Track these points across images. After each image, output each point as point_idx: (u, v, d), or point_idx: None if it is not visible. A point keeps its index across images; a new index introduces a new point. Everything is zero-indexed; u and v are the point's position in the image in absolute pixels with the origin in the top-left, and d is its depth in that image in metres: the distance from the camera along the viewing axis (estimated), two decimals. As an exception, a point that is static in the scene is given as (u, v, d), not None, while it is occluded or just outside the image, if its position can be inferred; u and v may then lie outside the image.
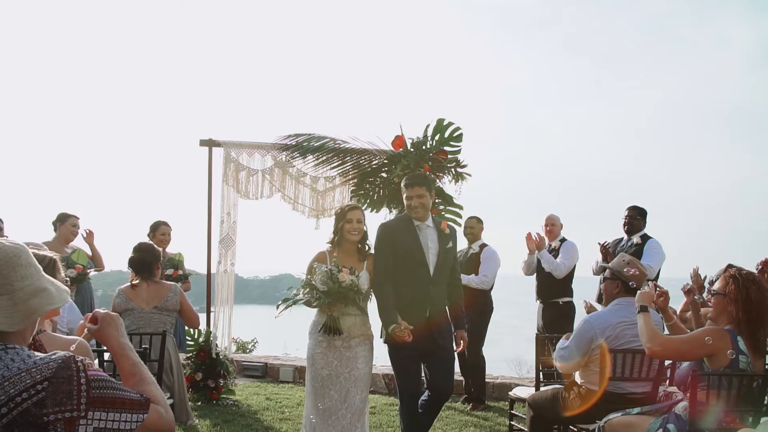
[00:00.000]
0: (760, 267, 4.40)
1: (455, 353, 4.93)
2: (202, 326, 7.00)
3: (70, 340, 2.87)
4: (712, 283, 4.33)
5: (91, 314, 2.11)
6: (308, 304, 4.59)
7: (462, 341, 4.97)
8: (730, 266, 3.86)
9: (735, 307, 3.54)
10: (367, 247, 4.86)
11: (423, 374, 4.87)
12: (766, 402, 3.60)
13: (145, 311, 5.33)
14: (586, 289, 6.58)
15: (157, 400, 1.88)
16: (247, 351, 12.90)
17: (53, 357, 1.70)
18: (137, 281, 5.44)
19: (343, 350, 4.65)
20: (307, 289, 4.53)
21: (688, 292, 4.70)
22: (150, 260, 5.43)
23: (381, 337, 4.76)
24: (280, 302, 4.68)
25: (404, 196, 4.82)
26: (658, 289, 4.29)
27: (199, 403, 6.66)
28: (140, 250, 5.49)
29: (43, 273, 1.86)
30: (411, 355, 4.69)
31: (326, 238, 4.90)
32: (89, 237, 7.05)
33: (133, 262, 5.45)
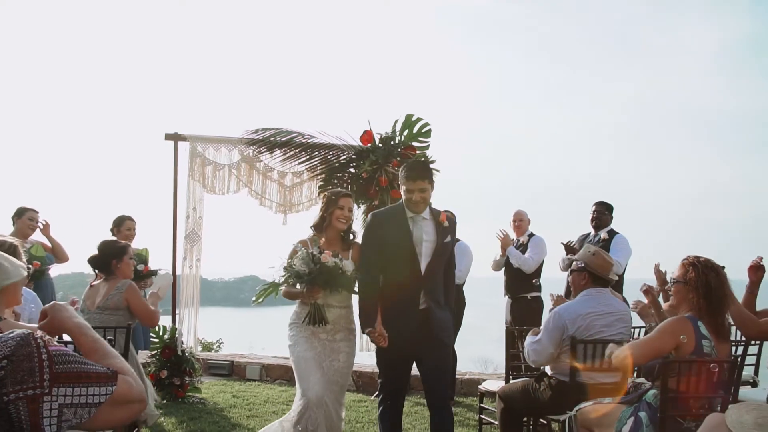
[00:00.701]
0: (761, 261, 4.41)
1: (450, 350, 4.55)
2: (168, 323, 6.88)
3: (31, 328, 2.78)
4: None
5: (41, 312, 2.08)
6: (289, 295, 4.41)
7: None
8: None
9: (696, 294, 3.59)
10: (351, 236, 4.66)
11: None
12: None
13: (90, 312, 4.93)
14: (553, 286, 6.65)
15: (125, 371, 1.82)
16: (212, 351, 12.74)
17: (11, 335, 1.64)
18: (97, 281, 5.10)
19: (327, 342, 4.45)
20: (288, 273, 4.29)
21: (646, 292, 4.76)
22: (104, 258, 5.04)
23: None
24: (258, 287, 4.47)
25: (403, 189, 4.36)
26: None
27: (165, 402, 6.53)
28: (97, 247, 5.22)
29: None
30: (400, 355, 4.37)
31: (294, 234, 4.73)
32: (45, 228, 6.84)
33: (89, 261, 5.16)
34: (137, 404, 1.81)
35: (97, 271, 5.11)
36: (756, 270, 4.28)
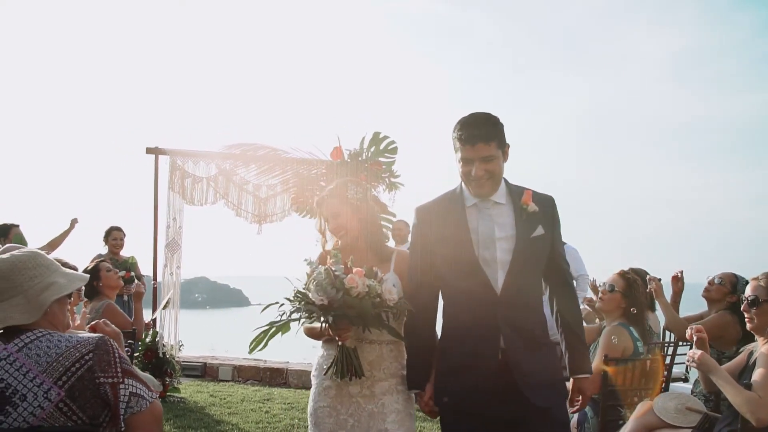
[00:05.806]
0: (681, 274, 5.14)
1: (566, 416, 2.87)
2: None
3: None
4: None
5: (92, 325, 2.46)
6: (310, 332, 3.00)
7: (581, 395, 2.91)
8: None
9: (626, 302, 4.22)
10: (385, 240, 3.19)
11: None
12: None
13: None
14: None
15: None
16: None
17: (90, 336, 2.15)
18: (85, 308, 5.15)
19: (363, 401, 2.92)
20: (302, 303, 2.74)
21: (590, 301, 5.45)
22: (88, 285, 4.95)
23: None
24: (258, 330, 2.86)
25: (457, 158, 2.78)
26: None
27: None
28: None
29: (54, 269, 2.25)
30: (476, 427, 2.75)
31: (268, 242, 3.26)
32: None
33: None
34: (156, 427, 2.20)
35: (86, 298, 5.16)
36: (677, 281, 5.03)
